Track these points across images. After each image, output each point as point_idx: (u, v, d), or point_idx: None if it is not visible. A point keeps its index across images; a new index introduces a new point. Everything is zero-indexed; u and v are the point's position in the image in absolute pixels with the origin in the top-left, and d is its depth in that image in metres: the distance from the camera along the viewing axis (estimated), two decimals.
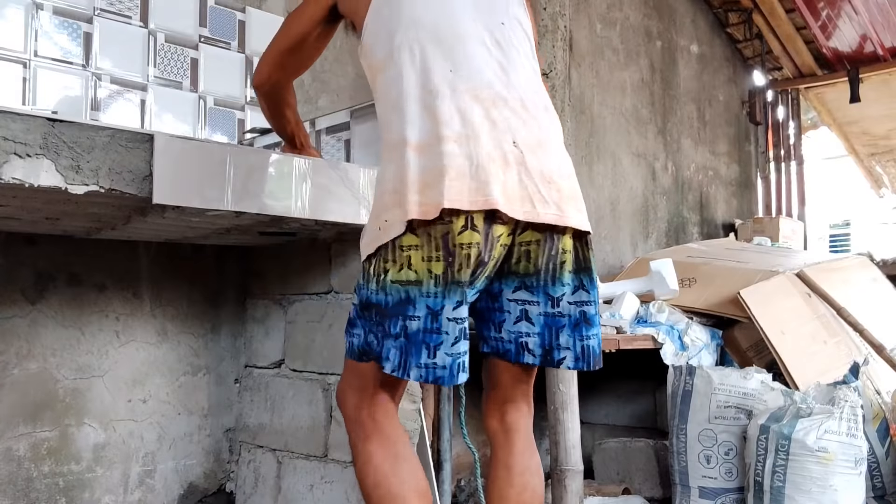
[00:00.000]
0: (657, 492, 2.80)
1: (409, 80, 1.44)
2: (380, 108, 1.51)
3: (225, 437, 2.54)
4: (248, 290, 2.57)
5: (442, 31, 1.48)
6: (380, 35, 1.52)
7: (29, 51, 2.20)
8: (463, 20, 1.51)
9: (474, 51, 1.48)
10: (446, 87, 1.42)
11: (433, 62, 1.45)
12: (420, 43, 1.47)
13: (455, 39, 1.48)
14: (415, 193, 1.37)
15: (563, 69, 3.82)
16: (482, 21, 1.53)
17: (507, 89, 1.47)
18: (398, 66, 1.46)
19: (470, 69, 1.46)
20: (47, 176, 1.46)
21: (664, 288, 2.83)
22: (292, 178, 1.82)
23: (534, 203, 1.43)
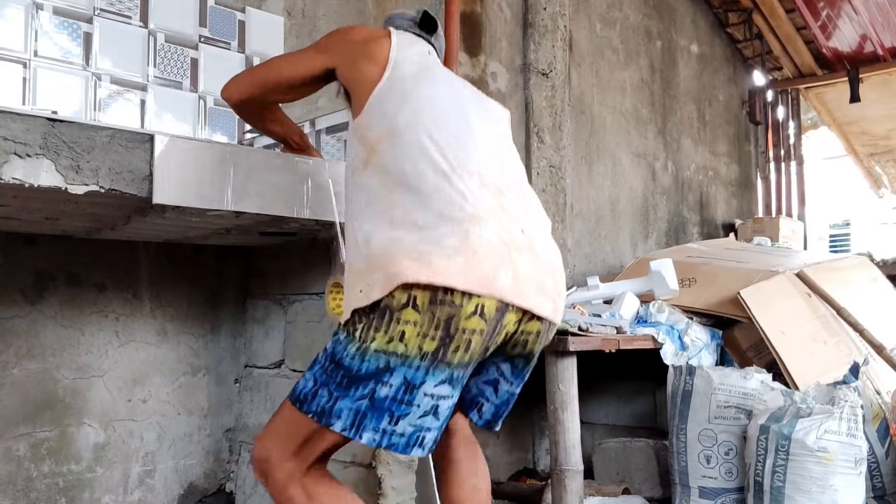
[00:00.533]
0: (657, 492, 2.80)
1: (420, 160, 1.42)
2: (377, 180, 1.44)
3: (225, 437, 2.54)
4: (248, 290, 2.57)
5: (451, 120, 1.49)
6: (385, 114, 1.49)
7: (29, 51, 2.20)
8: (470, 114, 1.54)
9: (480, 141, 1.50)
10: (458, 171, 1.42)
11: (444, 147, 1.44)
12: (427, 127, 1.46)
13: (463, 129, 1.49)
14: (426, 266, 1.31)
15: (563, 69, 3.82)
16: (483, 115, 1.59)
17: (509, 179, 1.52)
18: (407, 144, 1.44)
19: (478, 158, 1.47)
20: (47, 176, 1.46)
21: (664, 288, 2.83)
22: (293, 178, 1.82)
23: (544, 293, 1.44)
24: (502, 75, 3.67)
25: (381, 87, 1.52)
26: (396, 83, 1.52)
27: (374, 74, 1.54)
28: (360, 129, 1.51)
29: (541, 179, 3.74)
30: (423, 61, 1.60)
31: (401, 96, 1.50)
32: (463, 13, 3.38)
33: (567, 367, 2.29)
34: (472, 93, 1.66)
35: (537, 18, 3.75)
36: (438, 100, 1.51)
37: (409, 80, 1.53)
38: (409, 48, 1.61)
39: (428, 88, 1.52)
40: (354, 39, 1.63)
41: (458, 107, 1.54)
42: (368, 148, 1.48)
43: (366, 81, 1.54)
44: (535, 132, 3.73)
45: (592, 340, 2.34)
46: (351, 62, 1.59)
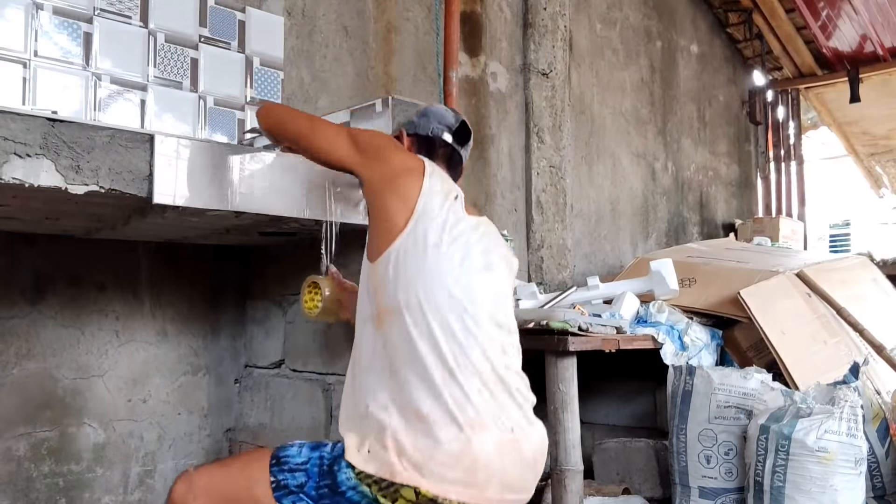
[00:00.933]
0: (657, 492, 2.80)
1: (430, 352, 1.45)
2: (387, 351, 1.48)
3: (225, 437, 2.54)
4: (247, 290, 2.57)
5: (460, 303, 1.50)
6: (398, 283, 1.49)
7: (29, 51, 2.20)
8: (479, 291, 1.54)
9: (484, 323, 1.52)
10: (463, 370, 1.45)
11: (452, 340, 1.46)
12: (439, 312, 1.47)
13: (470, 314, 1.50)
14: (428, 475, 1.39)
15: (563, 69, 3.82)
16: (497, 301, 1.58)
17: (509, 374, 1.52)
18: (418, 329, 1.46)
19: (480, 352, 1.49)
20: (47, 176, 1.46)
21: (664, 288, 2.83)
22: (292, 178, 1.82)
23: (520, 491, 1.49)
24: (502, 75, 3.67)
25: (402, 244, 1.51)
26: (417, 246, 1.51)
27: (398, 219, 1.53)
28: (373, 281, 1.53)
29: (541, 179, 3.74)
30: (445, 218, 1.56)
31: (416, 269, 1.49)
32: (463, 13, 3.38)
33: (567, 367, 2.29)
34: (484, 249, 1.62)
35: (537, 18, 3.75)
36: (451, 277, 1.51)
37: (430, 249, 1.51)
38: (437, 196, 1.57)
39: (443, 263, 1.51)
40: (390, 164, 1.59)
41: (467, 281, 1.53)
42: (380, 310, 1.51)
43: (390, 223, 1.53)
44: (535, 132, 3.74)
45: (592, 340, 2.34)
46: (379, 189, 1.57)
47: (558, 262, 3.77)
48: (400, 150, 1.66)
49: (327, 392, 2.24)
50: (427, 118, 1.77)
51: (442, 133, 1.75)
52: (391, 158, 1.61)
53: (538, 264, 3.71)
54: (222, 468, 1.56)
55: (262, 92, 2.72)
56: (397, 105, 2.06)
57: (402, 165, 1.60)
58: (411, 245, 1.51)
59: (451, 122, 1.77)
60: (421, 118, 1.78)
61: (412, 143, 1.76)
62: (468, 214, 1.64)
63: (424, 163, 1.62)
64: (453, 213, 1.58)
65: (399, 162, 1.61)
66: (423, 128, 1.76)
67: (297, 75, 2.84)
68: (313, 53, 2.90)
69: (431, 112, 1.79)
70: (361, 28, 3.06)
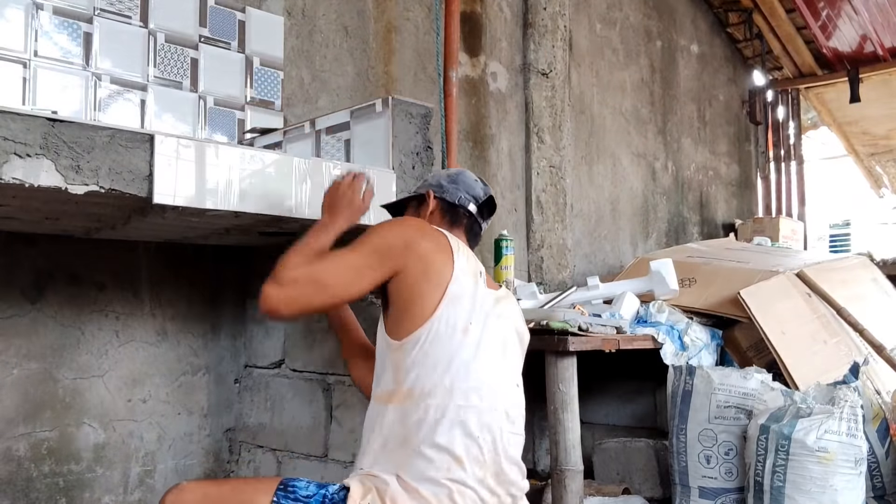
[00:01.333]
0: (657, 492, 2.80)
1: (446, 435, 1.48)
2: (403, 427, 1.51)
3: (225, 437, 2.54)
4: (247, 290, 2.57)
5: (484, 397, 1.53)
6: (424, 369, 1.51)
7: (29, 51, 2.20)
8: (503, 393, 1.58)
9: (502, 425, 1.55)
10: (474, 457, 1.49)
11: (473, 426, 1.50)
12: (462, 401, 1.50)
13: (492, 411, 1.54)
14: None
15: (563, 69, 3.82)
16: (512, 395, 1.62)
17: (511, 468, 1.56)
18: (437, 411, 1.49)
19: (497, 443, 1.53)
20: (47, 176, 1.46)
21: (664, 288, 2.83)
22: (292, 178, 1.82)
23: None
24: (502, 75, 3.67)
25: (432, 327, 1.51)
26: (447, 330, 1.52)
27: (430, 302, 1.52)
28: (396, 359, 1.54)
29: (541, 179, 3.74)
30: (473, 301, 1.57)
31: (444, 354, 1.51)
32: (463, 13, 3.38)
33: (567, 367, 2.29)
34: (503, 329, 1.64)
35: (537, 18, 3.75)
36: (475, 365, 1.53)
37: (458, 335, 1.52)
38: (467, 277, 1.57)
39: (469, 350, 1.53)
40: (418, 252, 1.54)
41: (489, 372, 1.56)
42: (401, 389, 1.52)
43: (421, 307, 1.52)
44: (535, 132, 3.74)
45: (592, 340, 2.34)
46: (413, 281, 1.54)
47: (558, 262, 3.77)
48: (423, 233, 1.59)
49: (327, 392, 2.24)
50: (457, 185, 1.76)
51: (468, 204, 1.75)
52: (417, 246, 1.55)
53: (538, 264, 3.71)
54: (217, 485, 1.56)
55: (262, 92, 2.72)
56: (397, 105, 2.06)
57: (432, 248, 1.56)
58: (442, 329, 1.51)
59: (480, 194, 1.78)
60: (450, 184, 1.76)
61: (437, 206, 1.75)
62: (489, 288, 1.65)
63: (449, 240, 1.59)
64: (480, 294, 1.59)
65: (427, 246, 1.56)
66: (452, 194, 1.75)
67: (297, 75, 2.84)
68: (313, 53, 2.90)
69: (462, 180, 1.78)
70: (361, 28, 3.06)
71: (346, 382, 2.17)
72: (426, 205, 1.75)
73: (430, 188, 1.77)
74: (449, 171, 1.83)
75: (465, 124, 3.44)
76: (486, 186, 1.81)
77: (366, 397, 1.74)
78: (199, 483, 1.53)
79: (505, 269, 2.53)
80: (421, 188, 1.81)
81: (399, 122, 2.06)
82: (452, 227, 1.73)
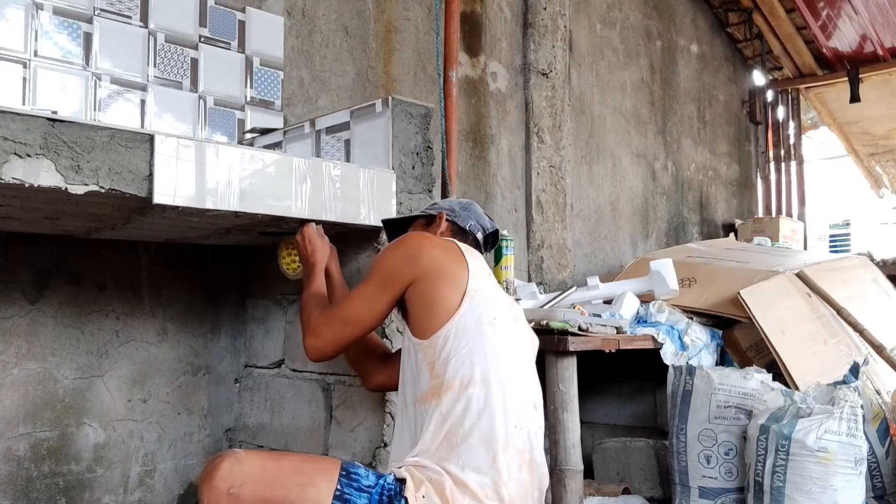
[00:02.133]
0: (657, 492, 2.80)
1: (488, 424, 1.51)
2: (447, 421, 1.52)
3: (225, 437, 2.54)
4: (248, 289, 2.57)
5: (515, 385, 1.58)
6: (462, 353, 1.54)
7: (29, 51, 2.20)
8: (528, 380, 1.65)
9: (531, 414, 1.60)
10: (509, 448, 1.52)
11: (511, 414, 1.54)
12: (498, 390, 1.53)
13: (524, 399, 1.59)
14: None
15: (563, 69, 3.82)
16: (534, 382, 1.68)
17: (540, 457, 1.62)
18: (479, 401, 1.52)
19: (530, 432, 1.58)
20: (47, 176, 1.46)
21: (664, 288, 2.83)
22: (292, 178, 1.82)
23: None
24: (502, 75, 3.67)
25: (459, 322, 1.55)
26: (475, 323, 1.56)
27: (452, 301, 1.57)
28: (429, 357, 1.57)
29: (541, 179, 3.74)
30: (492, 295, 1.63)
31: (475, 346, 1.55)
32: (463, 13, 3.38)
33: (567, 367, 2.29)
34: (518, 326, 1.70)
35: (537, 18, 3.75)
36: (504, 354, 1.58)
37: (486, 327, 1.57)
38: (482, 275, 1.64)
39: (499, 340, 1.58)
40: (431, 256, 1.61)
41: (515, 360, 1.62)
42: (439, 382, 1.55)
43: (443, 306, 1.57)
44: (535, 132, 3.74)
45: (592, 340, 2.34)
46: (428, 286, 1.59)
47: (558, 262, 3.77)
48: (428, 241, 1.66)
49: (327, 392, 2.24)
50: (468, 213, 1.85)
51: (476, 232, 1.84)
52: (423, 254, 1.62)
53: (538, 264, 3.71)
54: (276, 460, 1.49)
55: (262, 92, 2.72)
56: (397, 105, 2.07)
57: (440, 253, 1.63)
58: (469, 323, 1.56)
59: (487, 225, 1.87)
60: (463, 210, 1.85)
61: (448, 227, 1.82)
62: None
63: (459, 246, 1.67)
64: (497, 290, 1.68)
65: (434, 252, 1.63)
66: (463, 220, 1.83)
67: (297, 75, 2.84)
68: (313, 53, 2.90)
69: (472, 209, 1.87)
70: (361, 28, 3.07)
71: (346, 382, 2.17)
72: (437, 224, 1.82)
73: (443, 210, 1.85)
74: (461, 200, 1.91)
75: (465, 124, 3.44)
76: (493, 221, 1.91)
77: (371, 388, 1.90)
78: (256, 454, 1.48)
79: (505, 269, 2.53)
80: (433, 209, 1.88)
81: (399, 122, 2.06)
82: None
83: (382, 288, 1.64)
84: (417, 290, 1.60)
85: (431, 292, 1.58)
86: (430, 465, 1.50)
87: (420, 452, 1.53)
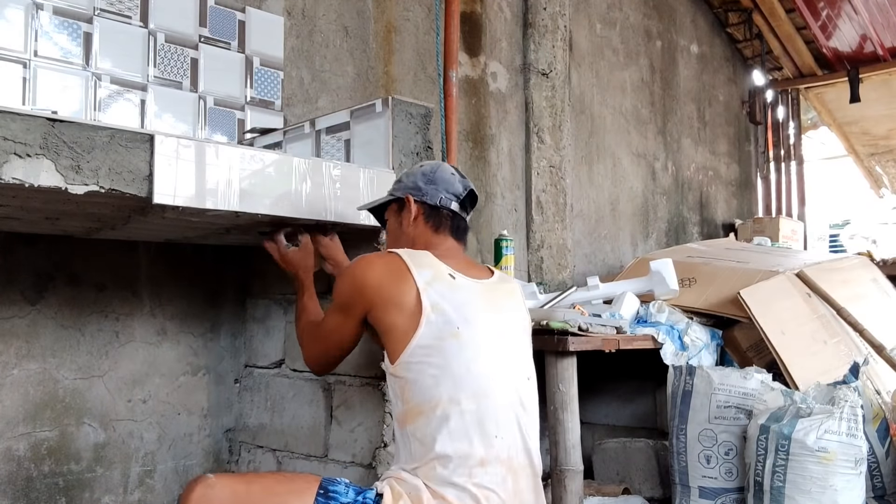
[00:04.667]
0: (657, 492, 2.80)
1: (461, 441, 1.48)
2: (420, 443, 1.51)
3: (225, 437, 2.54)
4: (248, 289, 2.57)
5: (490, 393, 1.52)
6: (426, 376, 1.51)
7: (29, 51, 2.20)
8: (507, 383, 1.56)
9: (508, 417, 1.54)
10: (491, 461, 1.48)
11: (489, 425, 1.50)
12: (469, 405, 1.49)
13: (502, 406, 1.53)
14: None
15: (563, 69, 3.82)
16: (518, 381, 1.60)
17: (529, 458, 1.56)
18: (450, 421, 1.49)
19: (505, 440, 1.52)
20: (47, 176, 1.46)
21: (664, 288, 2.83)
22: (292, 178, 1.82)
23: None
24: (502, 75, 3.67)
25: (418, 343, 1.51)
26: (436, 341, 1.51)
27: (408, 325, 1.52)
28: (396, 382, 1.54)
29: (541, 179, 3.74)
30: (451, 303, 1.56)
31: (439, 366, 1.50)
32: (463, 13, 3.38)
33: (567, 367, 2.29)
34: (496, 321, 1.62)
35: (537, 18, 3.75)
36: (474, 365, 1.52)
37: (447, 342, 1.51)
38: (435, 285, 1.56)
39: (464, 353, 1.52)
40: (369, 289, 1.58)
41: (488, 365, 1.54)
42: (409, 408, 1.52)
43: (401, 331, 1.53)
44: (535, 132, 3.74)
45: (592, 340, 2.34)
46: (380, 314, 1.56)
47: (558, 262, 3.77)
48: (369, 268, 1.61)
49: (328, 392, 2.24)
50: (436, 185, 1.73)
51: (450, 203, 1.73)
52: (366, 284, 1.59)
53: (538, 264, 3.71)
54: (246, 483, 1.49)
55: (262, 92, 2.72)
56: (397, 105, 2.06)
57: (383, 277, 1.57)
58: (430, 342, 1.51)
59: (460, 190, 1.75)
60: (429, 185, 1.74)
61: (419, 210, 1.73)
62: (471, 278, 1.63)
63: (403, 258, 1.59)
64: (461, 295, 1.58)
65: (376, 277, 1.58)
66: (432, 196, 1.73)
67: (297, 75, 2.84)
68: (313, 53, 2.90)
69: (440, 177, 1.75)
70: (361, 28, 3.06)
71: (346, 382, 2.17)
72: (408, 210, 1.74)
73: (409, 192, 1.75)
74: (424, 169, 1.78)
75: (465, 124, 3.44)
76: (464, 179, 1.78)
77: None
78: (227, 479, 1.48)
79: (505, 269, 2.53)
80: (398, 190, 1.79)
81: (399, 122, 2.06)
82: (438, 230, 1.73)
83: (344, 316, 1.64)
84: (373, 318, 1.59)
85: (384, 320, 1.55)
86: (409, 479, 1.48)
87: (400, 467, 1.52)
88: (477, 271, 1.71)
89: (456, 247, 1.74)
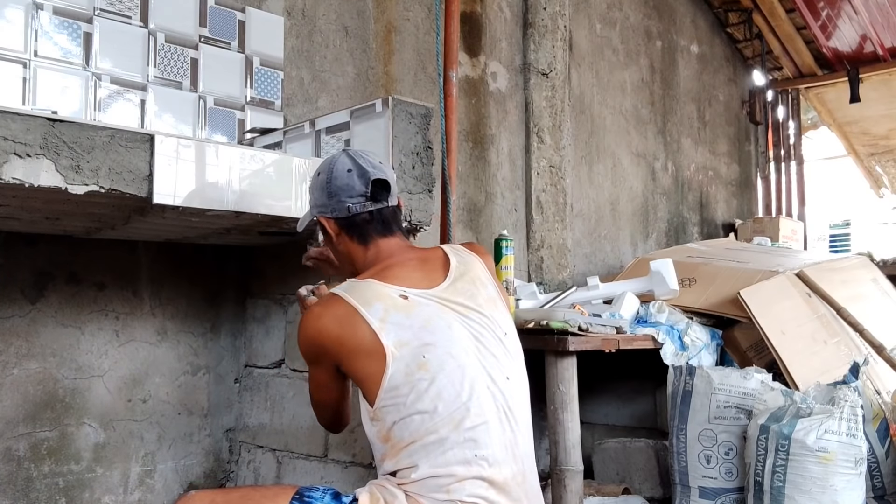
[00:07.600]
0: (657, 492, 2.80)
1: (440, 471, 1.43)
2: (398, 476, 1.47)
3: (225, 437, 2.54)
4: (248, 289, 2.57)
5: (464, 419, 1.44)
6: (402, 419, 1.46)
7: (29, 51, 2.20)
8: (485, 402, 1.48)
9: (494, 430, 1.46)
10: (476, 480, 1.43)
11: (468, 452, 1.44)
12: (440, 434, 1.43)
13: (478, 427, 1.45)
14: None
15: (563, 69, 3.82)
16: (493, 389, 1.50)
17: (516, 465, 1.49)
18: (427, 459, 1.44)
19: (494, 453, 1.45)
20: (47, 176, 1.46)
21: (664, 288, 2.83)
22: (292, 178, 1.82)
23: None
24: (502, 75, 3.67)
25: (390, 383, 1.45)
26: (406, 379, 1.45)
27: (375, 369, 1.45)
28: (375, 427, 1.50)
29: (541, 179, 3.74)
30: (412, 330, 1.47)
31: (416, 400, 1.44)
32: (463, 13, 3.38)
33: (567, 367, 2.29)
34: (468, 324, 1.53)
35: (537, 18, 3.75)
36: (447, 393, 1.45)
37: (415, 376, 1.45)
38: (395, 313, 1.47)
39: (439, 381, 1.45)
40: (327, 344, 1.50)
41: (462, 385, 1.46)
42: (388, 450, 1.48)
43: (370, 373, 1.46)
44: (535, 132, 3.73)
45: (592, 340, 2.34)
46: (344, 364, 1.51)
47: (558, 262, 3.77)
48: (319, 324, 1.51)
49: None
50: (337, 196, 1.59)
51: (360, 206, 1.59)
52: (322, 341, 1.51)
53: (538, 264, 3.71)
54: (224, 494, 1.50)
55: (262, 92, 2.72)
56: (397, 105, 2.06)
57: (333, 329, 1.49)
58: (400, 380, 1.44)
59: (362, 188, 1.58)
60: (331, 199, 1.60)
61: (336, 228, 1.62)
62: (425, 291, 1.53)
63: (348, 301, 1.48)
64: (416, 316, 1.49)
65: (328, 331, 1.49)
66: (339, 209, 1.59)
67: (297, 75, 2.84)
68: (313, 53, 2.90)
69: (337, 187, 1.59)
70: (361, 28, 3.06)
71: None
72: (327, 232, 1.64)
73: (319, 212, 1.63)
74: (321, 180, 1.62)
75: (465, 124, 3.44)
76: (362, 170, 1.59)
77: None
78: (206, 493, 1.50)
79: (505, 269, 2.53)
80: (312, 210, 1.67)
81: (399, 122, 2.06)
82: (365, 241, 1.61)
83: (318, 370, 1.57)
84: (344, 369, 1.53)
85: (352, 369, 1.50)
86: (389, 486, 1.45)
87: (385, 478, 1.50)
88: (429, 270, 1.59)
89: (393, 244, 1.62)
